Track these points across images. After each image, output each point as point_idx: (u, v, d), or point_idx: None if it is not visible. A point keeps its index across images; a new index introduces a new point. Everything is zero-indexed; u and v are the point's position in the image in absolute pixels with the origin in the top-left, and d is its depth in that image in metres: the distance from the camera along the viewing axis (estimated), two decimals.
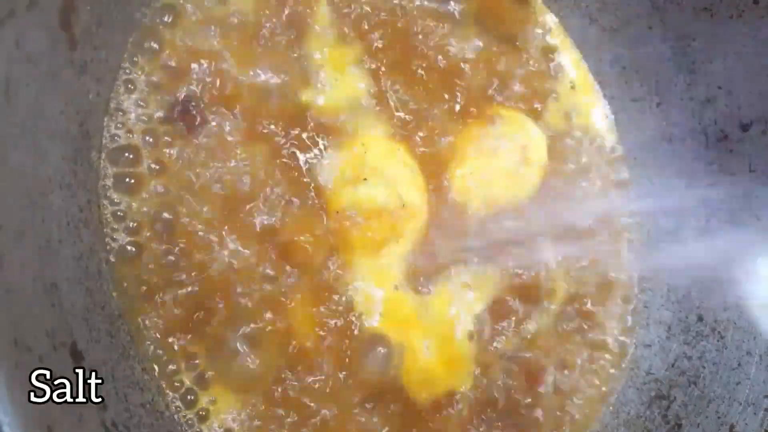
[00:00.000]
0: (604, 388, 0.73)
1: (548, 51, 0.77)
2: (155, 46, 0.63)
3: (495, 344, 0.69)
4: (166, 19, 0.64)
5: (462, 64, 0.72)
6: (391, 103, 0.69)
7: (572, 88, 0.77)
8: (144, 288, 0.60)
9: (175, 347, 0.61)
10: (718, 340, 0.69)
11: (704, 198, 0.72)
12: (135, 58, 0.62)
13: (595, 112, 0.78)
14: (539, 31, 0.77)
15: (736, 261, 0.69)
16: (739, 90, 0.68)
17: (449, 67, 0.72)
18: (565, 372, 0.71)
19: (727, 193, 0.70)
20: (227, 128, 0.64)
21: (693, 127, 0.73)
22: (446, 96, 0.71)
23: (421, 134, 0.69)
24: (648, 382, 0.72)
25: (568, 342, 0.72)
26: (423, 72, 0.71)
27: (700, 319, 0.71)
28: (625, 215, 0.77)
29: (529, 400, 0.69)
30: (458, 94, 0.71)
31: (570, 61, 0.78)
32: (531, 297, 0.71)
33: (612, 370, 0.73)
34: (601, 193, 0.76)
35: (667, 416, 0.69)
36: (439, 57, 0.72)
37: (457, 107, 0.71)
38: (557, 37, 0.78)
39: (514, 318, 0.70)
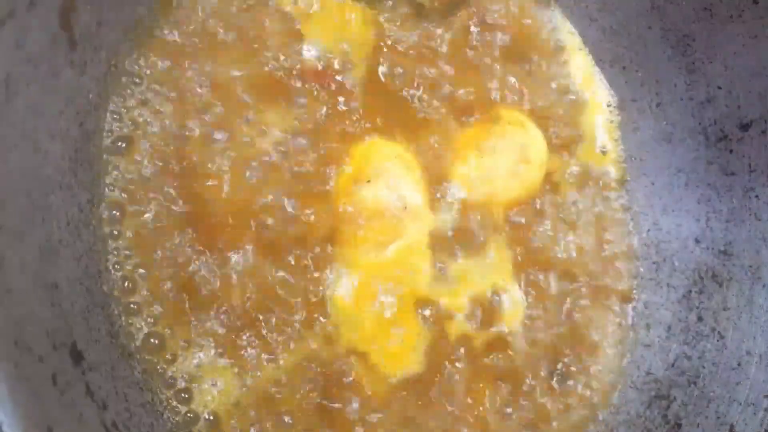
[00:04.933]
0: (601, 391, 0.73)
1: (549, 51, 0.77)
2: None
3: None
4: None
5: (462, 65, 0.72)
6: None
7: (572, 88, 0.77)
8: (144, 287, 0.60)
9: (175, 346, 0.61)
10: (718, 340, 0.69)
11: (704, 198, 0.72)
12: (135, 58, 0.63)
13: (594, 111, 0.78)
14: (540, 30, 0.77)
15: (737, 261, 0.69)
16: (739, 90, 0.68)
17: (450, 67, 0.72)
18: (565, 370, 0.71)
19: (727, 193, 0.70)
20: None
21: (693, 127, 0.73)
22: (447, 96, 0.71)
23: (422, 135, 0.69)
24: (648, 382, 0.72)
25: (567, 339, 0.72)
26: (424, 72, 0.71)
27: (700, 319, 0.71)
28: (625, 215, 0.77)
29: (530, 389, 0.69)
30: (459, 94, 0.71)
31: (570, 60, 0.78)
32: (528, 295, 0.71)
33: (610, 371, 0.74)
34: (600, 193, 0.76)
35: (667, 416, 0.69)
36: (440, 57, 0.72)
37: (458, 107, 0.71)
38: (558, 37, 0.78)
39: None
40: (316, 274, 0.64)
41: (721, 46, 0.68)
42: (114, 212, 0.60)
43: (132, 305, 0.60)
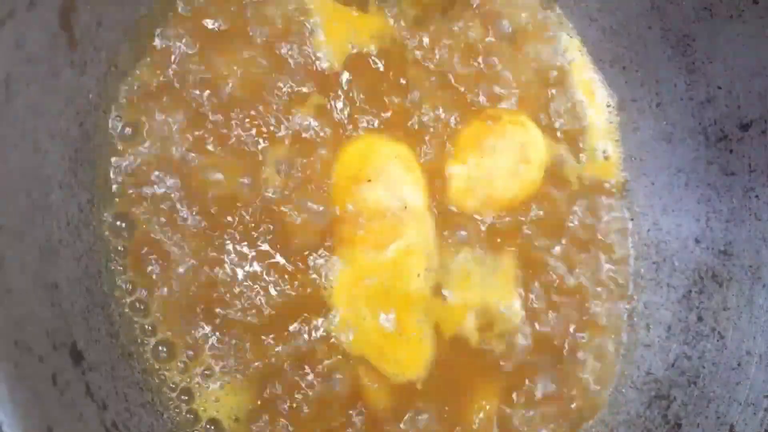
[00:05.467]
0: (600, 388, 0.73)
1: (549, 51, 0.77)
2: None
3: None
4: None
5: (461, 65, 0.72)
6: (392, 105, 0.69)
7: (572, 88, 0.77)
8: (143, 288, 0.60)
9: (175, 346, 0.61)
10: (718, 340, 0.69)
11: (704, 198, 0.72)
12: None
13: (594, 111, 0.78)
14: (540, 30, 0.77)
15: (737, 261, 0.69)
16: (739, 90, 0.68)
17: (449, 68, 0.72)
18: (562, 369, 0.71)
19: (727, 193, 0.70)
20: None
21: (693, 127, 0.73)
22: (447, 96, 0.71)
23: (422, 135, 0.69)
24: (648, 382, 0.72)
25: (567, 340, 0.72)
26: (423, 73, 0.71)
27: (700, 319, 0.71)
28: (625, 215, 0.77)
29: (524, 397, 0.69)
30: (458, 94, 0.71)
31: (570, 60, 0.78)
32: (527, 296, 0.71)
33: (610, 371, 0.74)
34: (600, 193, 0.76)
35: (667, 416, 0.69)
36: (439, 57, 0.72)
37: (458, 107, 0.71)
38: (558, 37, 0.78)
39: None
40: (316, 275, 0.64)
41: (721, 46, 0.68)
42: (121, 224, 0.60)
43: (138, 305, 0.60)
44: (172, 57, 0.63)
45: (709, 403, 0.67)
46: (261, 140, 0.65)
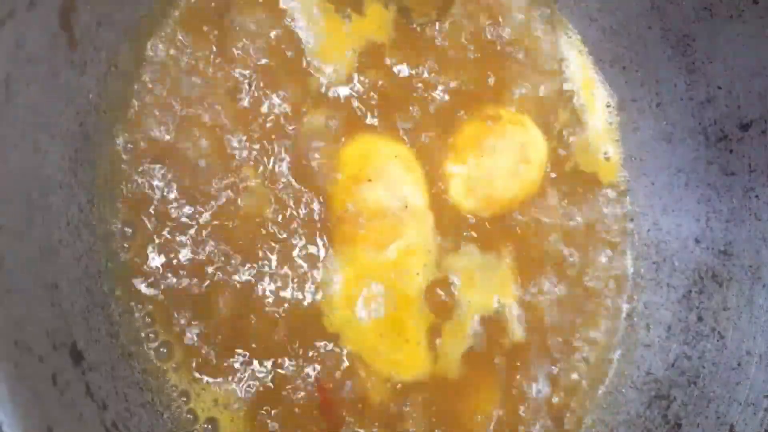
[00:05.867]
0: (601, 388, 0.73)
1: (549, 51, 0.77)
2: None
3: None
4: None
5: (460, 64, 0.72)
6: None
7: (572, 88, 0.77)
8: (144, 288, 0.60)
9: (175, 347, 0.61)
10: (718, 340, 0.69)
11: (704, 198, 0.72)
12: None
13: (594, 112, 0.78)
14: (539, 30, 0.77)
15: (737, 261, 0.69)
16: (739, 90, 0.68)
17: (448, 67, 0.72)
18: (562, 369, 0.71)
19: (727, 193, 0.70)
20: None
21: (693, 127, 0.73)
22: (447, 96, 0.71)
23: (422, 135, 0.69)
24: (648, 382, 0.72)
25: (567, 340, 0.72)
26: (422, 72, 0.71)
27: (700, 319, 0.71)
28: (625, 215, 0.77)
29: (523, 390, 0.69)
30: (458, 94, 0.71)
31: (570, 60, 0.78)
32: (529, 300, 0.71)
33: (609, 370, 0.74)
34: (600, 193, 0.76)
35: (667, 416, 0.69)
36: (437, 57, 0.72)
37: (458, 107, 0.71)
38: (558, 37, 0.78)
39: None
40: (315, 275, 0.64)
41: (721, 46, 0.68)
42: (127, 229, 0.60)
43: (141, 309, 0.60)
44: (173, 63, 0.64)
45: (709, 403, 0.67)
46: (259, 144, 0.65)
